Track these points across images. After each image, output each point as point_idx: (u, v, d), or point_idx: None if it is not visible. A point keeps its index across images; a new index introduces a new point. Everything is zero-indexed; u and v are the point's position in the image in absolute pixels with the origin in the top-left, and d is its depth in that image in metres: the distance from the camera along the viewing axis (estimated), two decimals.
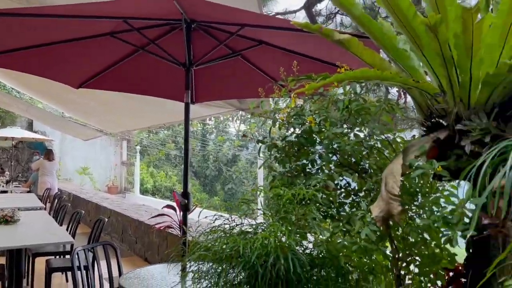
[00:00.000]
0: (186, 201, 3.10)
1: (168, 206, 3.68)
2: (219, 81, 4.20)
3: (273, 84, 2.01)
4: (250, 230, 1.71)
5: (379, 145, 1.93)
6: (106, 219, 4.58)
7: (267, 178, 1.89)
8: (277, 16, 7.64)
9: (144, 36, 3.26)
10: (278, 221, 1.75)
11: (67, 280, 5.67)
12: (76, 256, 3.01)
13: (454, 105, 1.72)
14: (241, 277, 1.67)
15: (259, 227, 1.69)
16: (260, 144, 1.98)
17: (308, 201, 1.75)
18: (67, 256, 4.95)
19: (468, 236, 1.53)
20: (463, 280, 2.03)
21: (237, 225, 1.69)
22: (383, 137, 1.96)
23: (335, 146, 1.85)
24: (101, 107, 7.01)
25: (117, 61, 3.84)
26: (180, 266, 2.07)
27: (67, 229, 5.02)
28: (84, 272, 3.15)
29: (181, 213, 3.27)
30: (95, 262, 3.72)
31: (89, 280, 3.41)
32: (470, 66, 1.57)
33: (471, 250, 1.90)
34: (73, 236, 4.80)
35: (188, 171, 3.30)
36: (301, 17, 7.98)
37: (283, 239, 1.63)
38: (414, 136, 1.96)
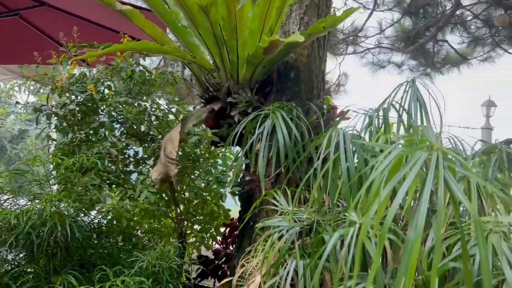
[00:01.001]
0: None
1: None
2: None
3: (53, 49, 1.91)
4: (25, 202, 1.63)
5: (162, 115, 2.06)
6: None
7: (43, 149, 1.81)
8: None
9: None
10: (59, 190, 1.71)
11: None
12: None
13: (226, 80, 1.98)
14: (17, 250, 1.59)
15: (36, 198, 1.63)
16: (38, 112, 1.86)
17: (91, 169, 1.76)
18: None
19: (228, 190, 1.81)
20: (237, 232, 2.38)
21: (8, 198, 1.59)
22: (166, 108, 2.10)
23: (118, 115, 1.89)
24: None
25: None
26: None
27: None
28: None
29: None
30: None
31: None
32: (236, 47, 1.82)
33: (242, 205, 2.25)
34: None
35: None
36: None
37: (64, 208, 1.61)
38: (194, 107, 2.16)
